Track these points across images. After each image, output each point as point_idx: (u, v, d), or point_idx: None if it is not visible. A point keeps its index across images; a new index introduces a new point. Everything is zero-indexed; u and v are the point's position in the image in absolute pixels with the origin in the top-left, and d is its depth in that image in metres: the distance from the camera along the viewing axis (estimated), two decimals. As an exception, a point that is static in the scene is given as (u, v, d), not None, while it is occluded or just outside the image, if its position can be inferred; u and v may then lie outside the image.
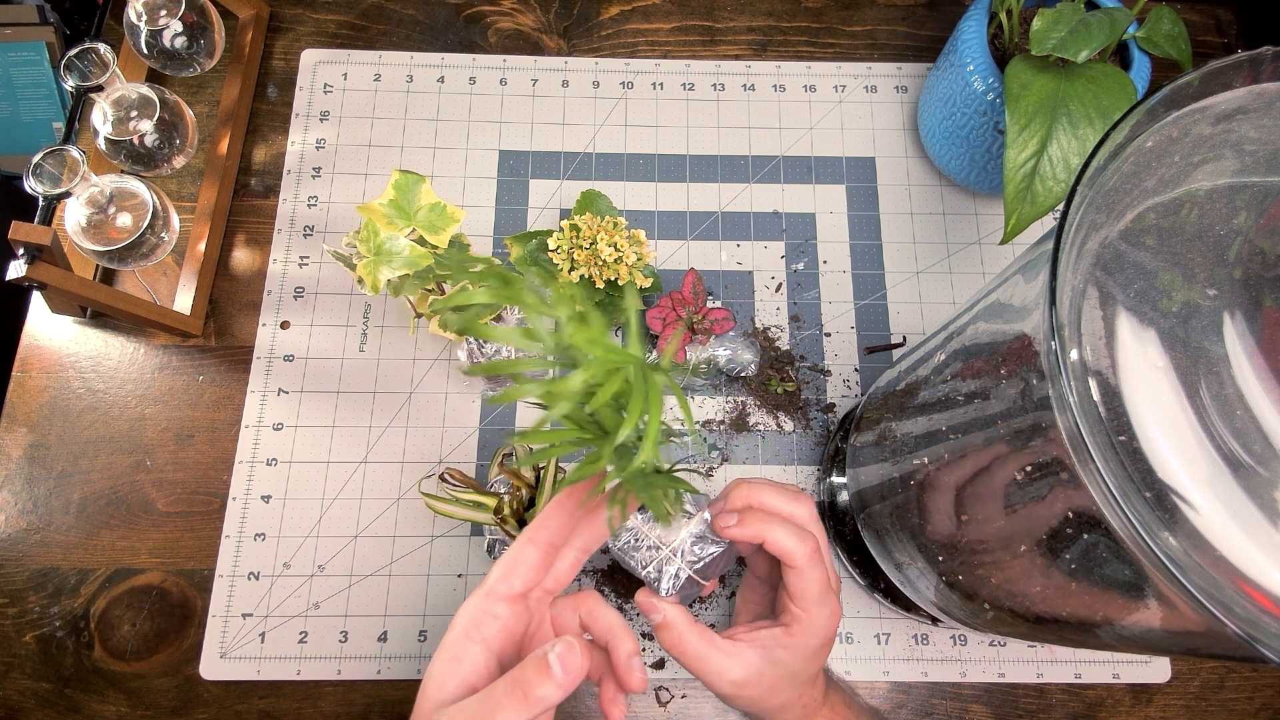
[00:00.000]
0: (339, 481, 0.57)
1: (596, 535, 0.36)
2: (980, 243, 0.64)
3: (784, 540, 0.37)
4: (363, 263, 0.45)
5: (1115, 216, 0.29)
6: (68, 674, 0.53)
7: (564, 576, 0.36)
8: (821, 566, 0.38)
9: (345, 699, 0.53)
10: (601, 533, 0.36)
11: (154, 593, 0.55)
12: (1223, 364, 0.27)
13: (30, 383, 0.59)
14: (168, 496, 0.57)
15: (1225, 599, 0.24)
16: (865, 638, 0.55)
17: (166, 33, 0.57)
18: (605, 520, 0.36)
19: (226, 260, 0.62)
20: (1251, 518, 0.25)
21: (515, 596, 0.34)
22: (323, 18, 0.69)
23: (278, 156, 0.65)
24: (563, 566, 0.36)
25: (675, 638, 0.37)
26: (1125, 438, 0.26)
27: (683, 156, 0.66)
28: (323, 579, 0.55)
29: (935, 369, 0.41)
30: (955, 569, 0.40)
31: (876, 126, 0.68)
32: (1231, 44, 0.72)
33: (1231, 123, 0.30)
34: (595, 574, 0.56)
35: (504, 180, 0.65)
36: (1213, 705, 0.55)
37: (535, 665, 0.31)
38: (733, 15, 0.71)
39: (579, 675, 0.31)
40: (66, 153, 0.49)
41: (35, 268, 0.48)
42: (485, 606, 0.34)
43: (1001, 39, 0.58)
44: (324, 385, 0.59)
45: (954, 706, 0.54)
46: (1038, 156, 0.50)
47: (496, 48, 0.69)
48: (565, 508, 0.35)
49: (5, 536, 0.55)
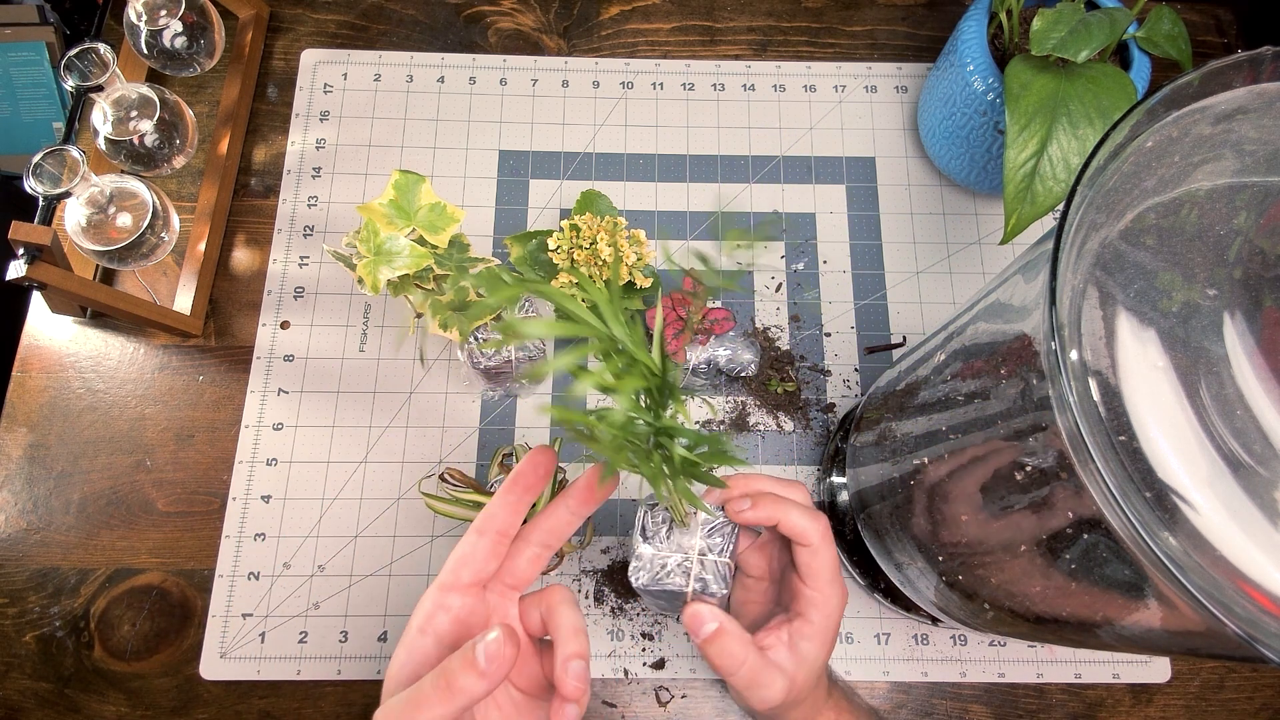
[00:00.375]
0: (339, 481, 0.57)
1: (555, 531, 0.36)
2: (980, 243, 0.64)
3: (798, 519, 0.37)
4: (363, 263, 0.45)
5: (1115, 216, 0.29)
6: (68, 674, 0.53)
7: (525, 573, 0.36)
8: (833, 545, 0.38)
9: (345, 699, 0.53)
10: (560, 529, 0.36)
11: (154, 593, 0.55)
12: (1223, 364, 0.27)
13: (30, 383, 0.59)
14: (168, 496, 0.57)
15: (1225, 599, 0.24)
16: (865, 638, 0.55)
17: (166, 33, 0.57)
18: (562, 513, 0.35)
19: (226, 260, 0.62)
20: (1251, 518, 0.25)
21: (466, 587, 0.34)
22: (323, 18, 0.69)
23: (278, 156, 0.65)
24: (520, 562, 0.36)
25: (727, 652, 0.35)
26: (1125, 438, 0.26)
27: (683, 156, 0.66)
28: (323, 579, 0.55)
29: (935, 369, 0.41)
30: (955, 569, 0.40)
31: (876, 126, 0.68)
32: (1231, 44, 0.72)
33: (1231, 123, 0.30)
34: (595, 574, 0.56)
35: (504, 180, 0.65)
36: (1213, 705, 0.55)
37: (461, 657, 0.30)
38: (733, 15, 0.71)
39: (505, 667, 0.29)
40: (66, 153, 0.49)
41: (35, 268, 0.48)
42: (437, 600, 0.34)
43: (1001, 39, 0.58)
44: (324, 385, 0.59)
45: (954, 706, 0.54)
46: (1038, 156, 0.50)
47: (496, 48, 0.69)
48: (508, 497, 0.35)
49: (5, 536, 0.55)
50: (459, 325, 0.48)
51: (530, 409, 0.59)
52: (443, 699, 0.29)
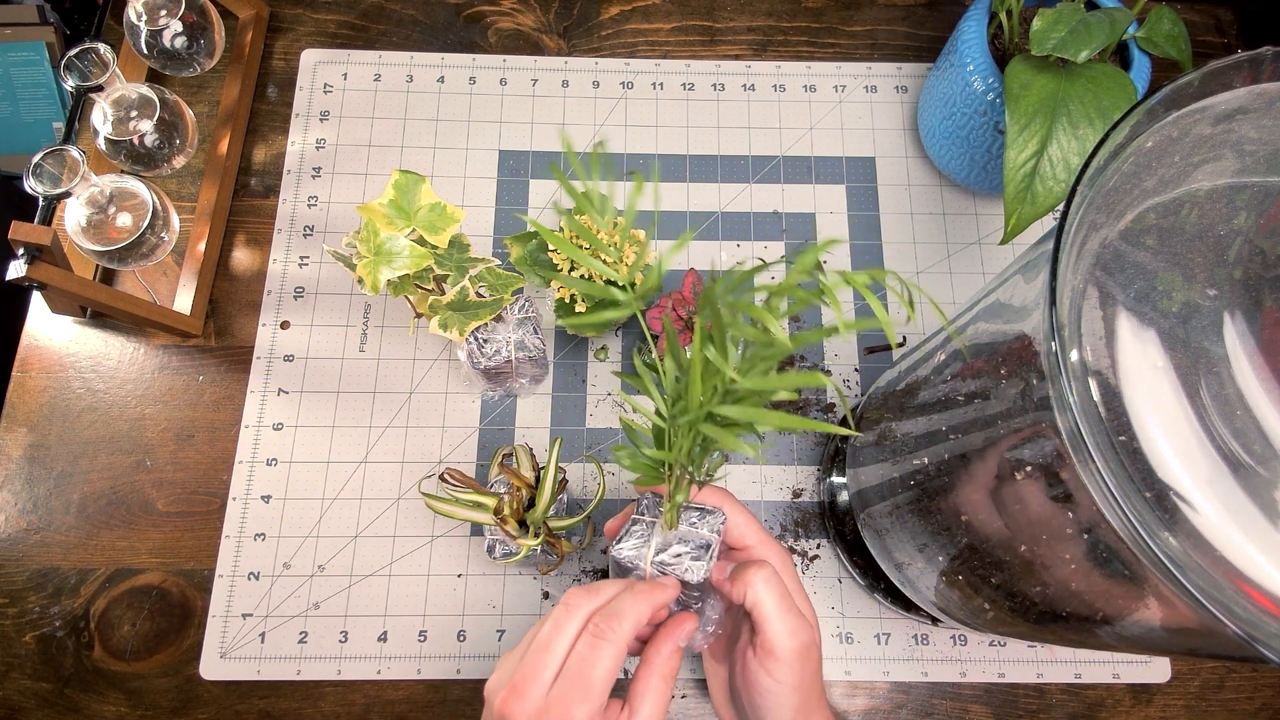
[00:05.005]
0: (339, 481, 0.57)
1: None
2: (980, 243, 0.64)
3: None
4: (363, 263, 0.45)
5: (1115, 216, 0.29)
6: (68, 674, 0.53)
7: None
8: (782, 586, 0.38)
9: (345, 699, 0.53)
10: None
11: (154, 593, 0.55)
12: (1223, 364, 0.27)
13: (30, 383, 0.59)
14: (168, 496, 0.57)
15: (1225, 599, 0.25)
16: (865, 638, 0.55)
17: (166, 33, 0.57)
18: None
19: (226, 260, 0.62)
20: (1251, 518, 0.25)
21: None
22: (323, 18, 0.69)
23: (278, 156, 0.65)
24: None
25: (775, 580, 0.37)
26: (1125, 438, 0.26)
27: (683, 156, 0.66)
28: (323, 579, 0.55)
29: (935, 369, 0.41)
30: (955, 569, 0.40)
31: (876, 126, 0.68)
32: (1231, 44, 0.72)
33: (1231, 123, 0.30)
34: (595, 574, 0.56)
35: (504, 180, 0.65)
36: (1213, 705, 0.55)
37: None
38: (733, 15, 0.71)
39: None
40: (66, 153, 0.49)
41: (35, 268, 0.48)
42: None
43: (1001, 39, 0.58)
44: (324, 385, 0.59)
45: (954, 706, 0.54)
46: (1038, 156, 0.50)
47: (496, 48, 0.69)
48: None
49: (5, 536, 0.55)
50: (459, 325, 0.48)
51: (530, 409, 0.59)
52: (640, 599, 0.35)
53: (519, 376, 0.55)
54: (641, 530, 0.38)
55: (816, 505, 0.58)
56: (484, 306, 0.48)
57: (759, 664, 0.37)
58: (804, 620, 0.37)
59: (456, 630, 0.54)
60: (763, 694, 0.37)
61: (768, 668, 0.37)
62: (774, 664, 0.36)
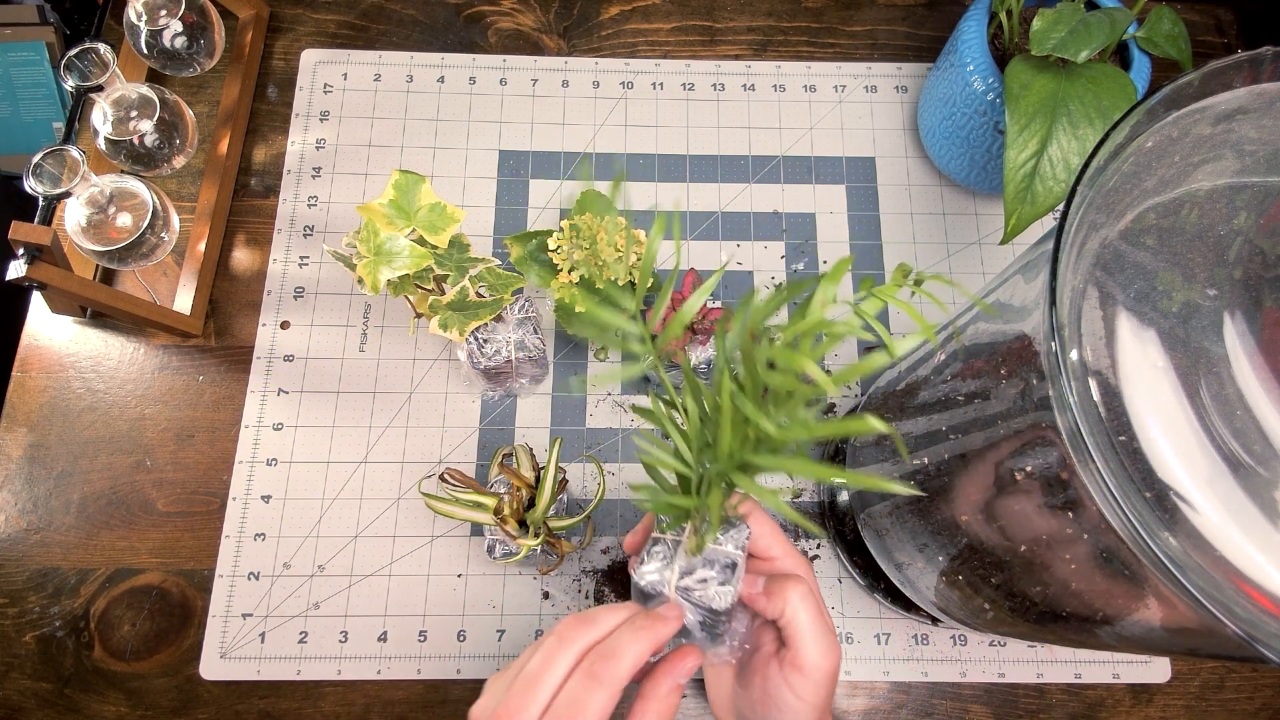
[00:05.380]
0: (339, 481, 0.57)
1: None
2: (980, 243, 0.64)
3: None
4: (363, 263, 0.45)
5: (1115, 216, 0.29)
6: (68, 674, 0.53)
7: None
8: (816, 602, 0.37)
9: (345, 699, 0.53)
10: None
11: (154, 593, 0.55)
12: (1223, 364, 0.27)
13: (30, 383, 0.59)
14: (168, 496, 0.57)
15: (1225, 599, 0.25)
16: (865, 638, 0.55)
17: (166, 33, 0.57)
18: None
19: (226, 260, 0.62)
20: (1251, 518, 0.25)
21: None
22: (323, 18, 0.69)
23: (278, 156, 0.65)
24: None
25: (811, 597, 0.35)
26: (1125, 438, 0.26)
27: (683, 156, 0.66)
28: (323, 579, 0.55)
29: (935, 369, 0.41)
30: (955, 569, 0.40)
31: (876, 126, 0.68)
32: (1231, 44, 0.72)
33: (1231, 123, 0.30)
34: (595, 574, 0.56)
35: (504, 180, 0.65)
36: (1213, 705, 0.55)
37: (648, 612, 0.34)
38: (733, 15, 0.71)
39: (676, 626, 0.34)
40: (66, 153, 0.49)
41: (35, 268, 0.48)
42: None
43: (1001, 39, 0.58)
44: (324, 385, 0.59)
45: (954, 706, 0.54)
46: (1038, 156, 0.50)
47: (496, 48, 0.69)
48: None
49: (5, 536, 0.55)
50: (459, 325, 0.48)
51: (531, 409, 0.59)
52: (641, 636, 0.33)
53: (519, 376, 0.55)
54: (663, 551, 0.36)
55: (816, 505, 0.58)
56: (484, 306, 0.48)
57: (784, 679, 0.36)
58: (835, 641, 0.36)
59: (456, 630, 0.54)
60: (781, 709, 0.36)
61: (793, 684, 0.35)
62: (801, 681, 0.35)
